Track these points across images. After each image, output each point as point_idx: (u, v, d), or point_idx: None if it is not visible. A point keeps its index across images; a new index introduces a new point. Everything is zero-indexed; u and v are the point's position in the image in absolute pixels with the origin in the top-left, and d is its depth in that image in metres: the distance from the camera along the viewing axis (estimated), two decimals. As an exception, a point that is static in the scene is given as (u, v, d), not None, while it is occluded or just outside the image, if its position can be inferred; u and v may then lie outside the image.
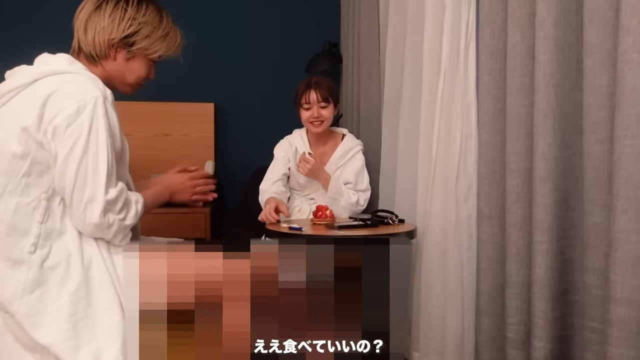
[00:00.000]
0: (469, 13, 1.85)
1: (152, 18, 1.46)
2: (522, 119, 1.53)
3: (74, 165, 1.29)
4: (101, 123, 1.31)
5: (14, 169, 1.30)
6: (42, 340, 1.28)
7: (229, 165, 3.36)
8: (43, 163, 1.31)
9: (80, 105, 1.29)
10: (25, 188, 1.30)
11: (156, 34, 1.47)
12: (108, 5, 1.42)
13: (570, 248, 1.45)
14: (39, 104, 1.29)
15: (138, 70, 1.49)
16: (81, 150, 1.29)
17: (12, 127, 1.30)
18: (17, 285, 1.29)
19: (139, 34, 1.44)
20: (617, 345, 1.19)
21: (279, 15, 3.46)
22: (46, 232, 1.32)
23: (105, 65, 1.45)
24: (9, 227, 1.30)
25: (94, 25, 1.41)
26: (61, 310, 1.29)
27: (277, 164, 2.41)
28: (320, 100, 2.28)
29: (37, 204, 1.31)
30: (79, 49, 1.45)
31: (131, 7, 1.43)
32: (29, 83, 1.34)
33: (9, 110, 1.34)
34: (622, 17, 1.18)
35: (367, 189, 2.37)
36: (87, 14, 1.43)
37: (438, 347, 2.01)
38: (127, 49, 1.44)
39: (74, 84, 1.33)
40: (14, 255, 1.30)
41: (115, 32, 1.41)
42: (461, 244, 1.89)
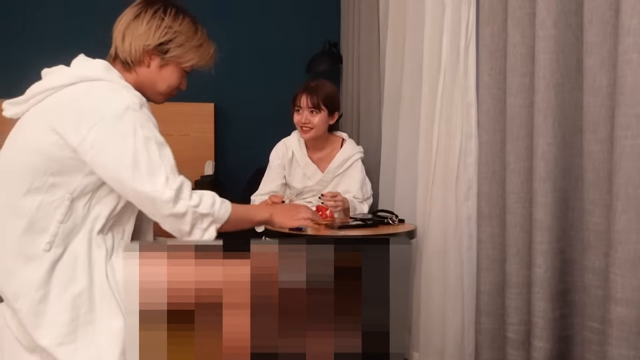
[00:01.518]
0: (469, 13, 1.85)
1: (187, 28, 1.49)
2: (522, 119, 1.53)
3: (129, 167, 1.30)
4: (145, 124, 1.33)
5: (42, 167, 1.31)
6: (41, 342, 1.28)
7: (229, 166, 3.35)
8: (73, 165, 1.32)
9: (121, 111, 1.31)
10: (51, 187, 1.31)
11: (190, 44, 1.50)
12: (146, 14, 1.46)
13: (570, 248, 1.45)
14: (76, 110, 1.31)
15: (170, 78, 1.51)
16: (131, 151, 1.30)
17: (45, 127, 1.31)
18: (25, 282, 1.29)
19: (173, 42, 1.47)
20: (617, 345, 1.19)
21: (279, 15, 3.46)
22: (64, 232, 1.32)
23: (139, 71, 1.47)
24: (30, 223, 1.30)
25: (131, 33, 1.45)
26: (63, 313, 1.29)
27: (271, 174, 2.37)
28: (310, 106, 2.22)
29: (59, 203, 1.32)
30: (115, 55, 1.48)
31: (168, 16, 1.46)
32: (64, 85, 1.36)
33: (43, 110, 1.36)
34: (622, 17, 1.18)
35: (371, 196, 2.35)
36: (126, 22, 1.46)
37: (438, 347, 2.01)
38: (161, 56, 1.47)
39: (111, 92, 1.36)
40: (29, 251, 1.30)
41: (151, 38, 1.44)
42: (461, 244, 1.89)
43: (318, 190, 2.32)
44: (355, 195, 2.28)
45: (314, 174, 2.34)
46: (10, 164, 1.35)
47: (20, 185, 1.31)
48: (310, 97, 2.22)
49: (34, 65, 1.47)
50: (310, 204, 2.36)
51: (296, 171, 2.37)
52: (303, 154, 2.36)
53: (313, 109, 2.23)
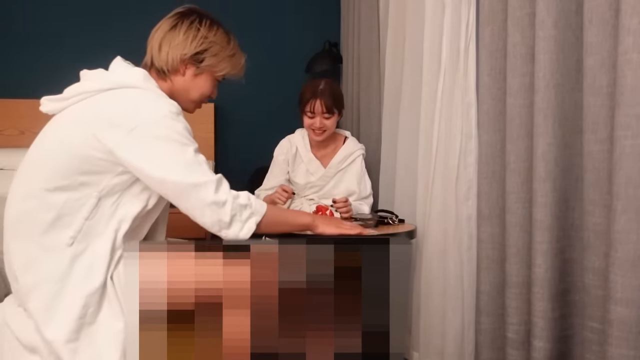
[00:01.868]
0: (469, 13, 1.85)
1: (221, 39, 1.55)
2: (522, 119, 1.53)
3: (170, 166, 1.33)
4: (182, 131, 1.37)
5: (73, 166, 1.33)
6: (49, 335, 1.29)
7: (229, 165, 3.36)
8: (104, 166, 1.34)
9: (159, 117, 1.35)
10: (80, 185, 1.34)
11: (224, 54, 1.56)
12: (183, 24, 1.51)
13: (570, 248, 1.45)
14: (115, 113, 1.35)
15: (203, 86, 1.56)
16: (170, 153, 1.34)
17: (82, 128, 1.34)
18: (45, 273, 1.31)
19: (208, 52, 1.53)
20: (617, 345, 1.19)
21: (279, 16, 3.46)
22: (88, 229, 1.34)
23: (174, 80, 1.52)
24: (56, 217, 1.33)
25: (168, 43, 1.50)
26: (72, 309, 1.30)
27: (275, 170, 2.40)
28: (325, 112, 2.24)
29: (86, 200, 1.34)
30: (151, 64, 1.52)
31: (204, 27, 1.52)
32: (103, 90, 1.40)
33: (81, 111, 1.39)
34: (622, 17, 1.18)
35: (370, 195, 2.36)
36: (163, 33, 1.52)
37: (438, 347, 2.01)
38: (196, 65, 1.52)
39: (150, 99, 1.40)
40: (52, 244, 1.32)
41: (188, 48, 1.50)
42: (461, 244, 1.89)
43: (320, 186, 2.35)
44: (352, 190, 2.32)
45: (316, 170, 2.37)
46: (43, 157, 1.38)
47: (49, 180, 1.33)
48: (325, 103, 2.23)
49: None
50: (311, 201, 2.37)
51: (300, 167, 2.39)
52: (307, 150, 2.39)
53: (328, 113, 2.25)
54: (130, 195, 1.38)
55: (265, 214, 1.43)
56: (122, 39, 3.23)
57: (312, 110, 2.24)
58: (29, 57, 3.18)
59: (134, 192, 1.38)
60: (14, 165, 2.84)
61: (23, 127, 3.13)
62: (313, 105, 2.23)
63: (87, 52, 3.30)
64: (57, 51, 3.17)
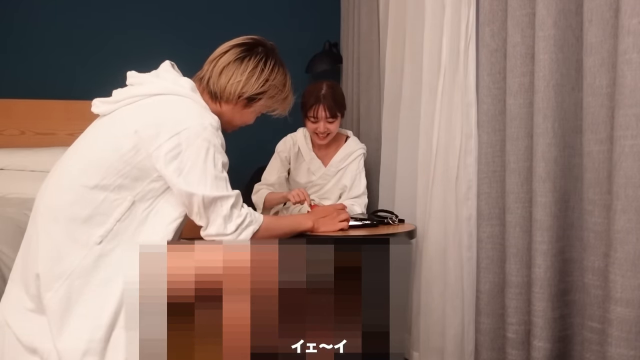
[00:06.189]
0: (469, 13, 1.85)
1: (280, 82, 1.59)
2: (522, 119, 1.53)
3: (198, 175, 1.38)
4: (218, 147, 1.42)
5: (115, 167, 1.36)
6: (58, 344, 1.29)
7: (229, 165, 3.35)
8: (143, 170, 1.37)
9: (200, 127, 1.38)
10: (118, 187, 1.36)
11: (279, 97, 1.61)
12: (250, 62, 1.54)
13: (570, 248, 1.45)
14: (160, 118, 1.39)
15: (248, 119, 1.63)
16: (201, 163, 1.38)
17: (129, 130, 1.38)
18: (69, 266, 1.32)
19: (266, 94, 1.57)
20: (617, 345, 1.19)
21: (279, 15, 3.46)
22: (118, 230, 1.36)
23: (223, 105, 1.56)
24: (91, 214, 1.35)
25: (230, 74, 1.53)
26: (85, 322, 1.31)
27: (276, 164, 2.41)
28: (328, 117, 2.24)
29: (122, 201, 1.36)
30: (206, 83, 1.55)
31: (268, 68, 1.55)
32: (151, 94, 1.44)
33: (129, 114, 1.42)
34: (622, 17, 1.18)
35: (363, 194, 2.35)
36: (227, 61, 1.54)
37: (438, 347, 2.01)
38: (250, 102, 1.56)
39: (194, 109, 1.43)
40: (82, 239, 1.34)
41: (248, 87, 1.54)
42: (461, 243, 1.89)
43: (321, 184, 2.37)
44: (343, 184, 2.33)
45: (318, 169, 2.39)
46: (87, 155, 1.41)
47: (90, 177, 1.36)
48: (328, 108, 2.23)
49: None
50: (312, 200, 2.37)
51: (301, 166, 2.41)
52: (308, 149, 2.40)
53: (331, 118, 2.25)
54: (161, 206, 1.41)
55: (261, 224, 1.49)
56: (122, 39, 3.24)
57: (315, 116, 2.24)
58: (29, 57, 3.18)
59: (165, 203, 1.41)
60: (14, 165, 2.86)
61: (23, 127, 3.12)
62: (316, 110, 2.23)
63: (87, 52, 3.31)
64: (58, 51, 3.17)
